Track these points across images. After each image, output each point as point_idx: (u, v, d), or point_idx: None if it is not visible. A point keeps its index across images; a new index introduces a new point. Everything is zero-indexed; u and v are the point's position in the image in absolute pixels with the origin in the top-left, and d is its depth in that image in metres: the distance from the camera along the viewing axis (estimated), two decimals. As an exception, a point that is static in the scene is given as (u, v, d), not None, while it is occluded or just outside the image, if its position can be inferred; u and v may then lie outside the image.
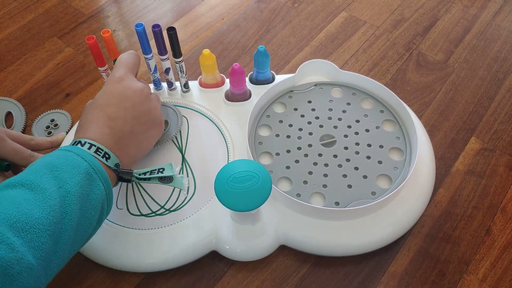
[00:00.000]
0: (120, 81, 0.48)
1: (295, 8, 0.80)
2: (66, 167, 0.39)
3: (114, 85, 0.48)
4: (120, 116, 0.46)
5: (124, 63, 0.51)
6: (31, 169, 0.39)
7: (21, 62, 0.73)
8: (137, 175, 0.47)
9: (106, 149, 0.44)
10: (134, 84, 0.49)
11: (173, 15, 0.80)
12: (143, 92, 0.49)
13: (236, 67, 0.56)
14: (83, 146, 0.43)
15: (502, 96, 0.66)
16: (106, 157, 0.44)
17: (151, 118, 0.50)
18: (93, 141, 0.43)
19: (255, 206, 0.43)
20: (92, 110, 0.46)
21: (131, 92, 0.48)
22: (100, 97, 0.47)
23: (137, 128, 0.48)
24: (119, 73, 0.49)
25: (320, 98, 0.61)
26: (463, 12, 0.78)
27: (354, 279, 0.51)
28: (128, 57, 0.51)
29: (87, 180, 0.40)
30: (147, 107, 0.49)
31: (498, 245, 0.53)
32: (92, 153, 0.42)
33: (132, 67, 0.51)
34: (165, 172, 0.47)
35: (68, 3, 0.82)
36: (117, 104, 0.47)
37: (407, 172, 0.53)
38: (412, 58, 0.72)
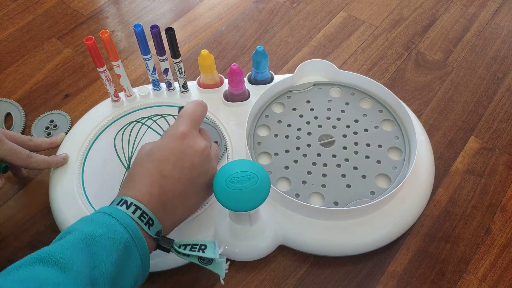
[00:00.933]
0: (183, 138, 0.44)
1: (293, 8, 0.80)
2: (106, 240, 0.37)
3: (176, 141, 0.44)
4: (175, 175, 0.43)
5: (190, 116, 0.47)
6: (69, 242, 0.36)
7: (20, 63, 0.73)
8: (177, 247, 0.43)
9: (151, 213, 0.41)
10: (197, 143, 0.45)
11: (171, 16, 0.80)
12: (204, 153, 0.45)
13: (234, 68, 0.56)
14: (128, 207, 0.40)
15: (502, 95, 0.66)
16: (150, 223, 0.41)
17: (206, 179, 0.46)
18: (140, 203, 0.41)
19: (254, 206, 0.43)
20: (147, 164, 0.44)
21: (193, 151, 0.44)
22: (158, 150, 0.44)
23: (189, 190, 0.44)
24: (182, 128, 0.45)
25: (318, 98, 0.61)
26: (462, 11, 0.78)
27: (353, 279, 0.51)
28: (195, 109, 0.47)
29: (125, 255, 0.38)
30: (205, 169, 0.45)
31: (497, 244, 0.53)
32: (135, 219, 0.40)
33: (198, 120, 0.47)
34: (207, 252, 0.43)
35: (67, 4, 0.82)
36: (175, 163, 0.43)
37: (406, 172, 0.53)
38: (411, 57, 0.71)
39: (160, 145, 0.45)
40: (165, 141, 0.45)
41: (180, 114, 0.47)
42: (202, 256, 0.43)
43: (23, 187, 0.58)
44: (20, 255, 0.53)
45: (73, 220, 0.51)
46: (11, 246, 0.54)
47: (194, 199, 0.46)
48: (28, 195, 0.58)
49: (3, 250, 0.53)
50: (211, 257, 0.43)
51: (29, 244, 0.54)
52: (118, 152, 0.57)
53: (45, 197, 0.57)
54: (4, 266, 0.51)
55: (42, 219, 0.56)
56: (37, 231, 0.55)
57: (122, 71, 0.57)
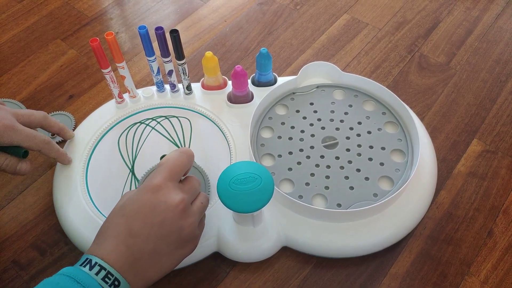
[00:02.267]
0: (156, 191, 0.42)
1: (297, 10, 0.80)
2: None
3: (148, 194, 0.42)
4: (144, 233, 0.40)
5: (168, 166, 0.44)
6: None
7: (25, 64, 0.74)
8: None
9: (117, 274, 0.38)
10: (171, 197, 0.42)
11: (175, 17, 0.80)
12: (178, 208, 0.42)
13: (238, 69, 0.56)
14: (92, 268, 0.38)
15: (504, 98, 0.66)
16: (115, 284, 0.38)
17: (181, 237, 0.42)
18: (105, 263, 0.38)
19: (258, 208, 0.44)
20: (116, 219, 0.41)
21: (164, 207, 0.41)
22: (129, 205, 0.42)
23: (160, 249, 0.41)
24: (157, 180, 0.42)
25: (322, 100, 0.61)
26: (465, 14, 0.78)
27: (356, 280, 0.51)
28: (176, 159, 0.44)
29: None
30: (179, 226, 0.42)
31: (500, 247, 0.53)
32: (99, 280, 0.37)
33: (178, 171, 0.44)
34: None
35: (71, 6, 0.83)
36: (144, 219, 0.41)
37: (408, 174, 0.53)
38: (414, 60, 0.72)
39: (133, 198, 0.42)
40: (138, 194, 0.42)
41: (160, 163, 0.45)
42: None
43: (27, 187, 0.59)
44: (23, 255, 0.53)
45: (76, 220, 0.52)
46: (14, 245, 0.54)
47: (167, 259, 0.42)
48: (32, 195, 0.58)
49: (6, 250, 0.54)
50: None
51: (33, 244, 0.54)
52: (122, 153, 0.57)
53: (49, 197, 0.57)
54: (8, 266, 0.52)
55: (46, 219, 0.56)
56: (41, 231, 0.55)
57: (127, 72, 0.57)
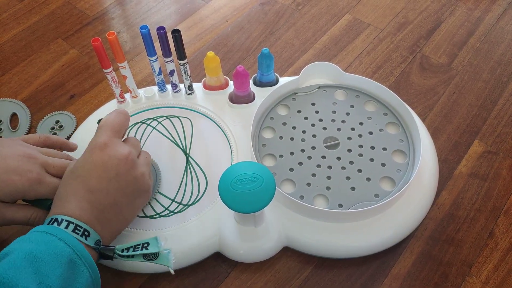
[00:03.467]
0: (104, 148, 0.44)
1: (299, 11, 0.80)
2: (48, 256, 0.36)
3: (96, 153, 0.44)
4: (102, 188, 0.42)
5: (109, 125, 0.46)
6: (11, 262, 0.35)
7: (26, 63, 0.74)
8: (119, 252, 0.43)
9: (86, 225, 0.40)
10: (119, 151, 0.44)
11: (177, 17, 0.80)
12: (128, 160, 0.44)
13: (240, 69, 0.56)
14: (59, 224, 0.39)
15: (506, 99, 0.66)
16: (86, 234, 0.40)
17: (137, 187, 0.45)
18: (71, 218, 0.40)
19: (259, 208, 0.44)
20: (71, 181, 0.43)
21: (116, 160, 0.44)
22: (81, 166, 0.43)
23: (120, 200, 0.44)
24: (102, 139, 0.44)
25: (323, 100, 0.61)
26: (467, 15, 0.78)
27: (357, 281, 0.51)
28: (114, 118, 0.47)
29: (70, 269, 0.37)
30: (133, 176, 0.45)
31: (501, 247, 0.53)
32: (70, 232, 0.39)
33: (118, 129, 0.47)
34: (150, 248, 0.43)
35: (73, 5, 0.83)
36: (99, 175, 0.43)
37: (410, 175, 0.53)
38: (416, 60, 0.72)
39: (82, 160, 0.44)
40: (86, 155, 0.44)
41: (100, 125, 0.46)
42: (147, 253, 0.43)
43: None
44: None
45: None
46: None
47: (127, 209, 0.45)
48: (33, 194, 0.58)
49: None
50: (155, 251, 0.43)
51: (35, 243, 0.54)
52: (124, 152, 0.57)
53: (51, 197, 0.57)
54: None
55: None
56: (42, 230, 0.55)
57: (128, 72, 0.57)
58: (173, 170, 0.56)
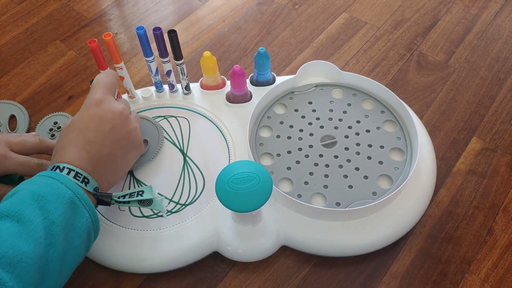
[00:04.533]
0: (99, 104, 0.47)
1: (296, 10, 0.80)
2: (51, 196, 0.39)
3: (92, 108, 0.47)
4: (99, 140, 0.46)
5: (102, 83, 0.50)
6: (17, 199, 0.39)
7: (24, 65, 0.74)
8: (116, 198, 0.47)
9: (85, 173, 0.43)
10: (113, 106, 0.48)
11: (174, 18, 0.80)
12: (122, 115, 0.48)
13: (236, 69, 0.56)
14: (61, 171, 0.42)
15: (504, 96, 0.66)
16: (85, 181, 0.43)
17: (130, 140, 0.49)
18: (72, 166, 0.43)
19: (256, 207, 0.44)
20: (70, 133, 0.46)
21: (111, 114, 0.47)
22: (78, 120, 0.47)
23: (116, 151, 0.47)
24: (97, 95, 0.48)
25: (320, 99, 0.61)
26: (464, 12, 0.78)
27: (356, 279, 0.51)
28: (105, 77, 0.51)
29: (71, 209, 0.40)
30: (127, 130, 0.49)
31: (500, 245, 0.53)
32: (71, 178, 0.42)
33: (110, 87, 0.50)
34: (145, 195, 0.47)
35: (70, 7, 0.83)
36: (96, 128, 0.46)
37: (407, 172, 0.53)
38: (413, 58, 0.72)
39: (79, 115, 0.47)
40: (83, 111, 0.47)
41: (93, 84, 0.50)
42: (141, 199, 0.47)
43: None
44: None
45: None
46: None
47: (122, 160, 0.48)
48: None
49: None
50: (150, 198, 0.47)
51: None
52: (121, 153, 0.58)
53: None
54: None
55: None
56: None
57: (125, 73, 0.57)
58: (171, 169, 0.56)
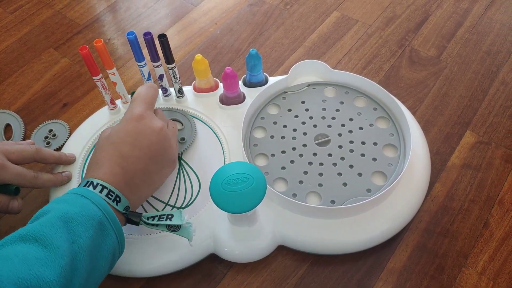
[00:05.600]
0: (139, 119, 0.48)
1: (287, 10, 0.80)
2: (81, 218, 0.39)
3: (132, 123, 0.47)
4: (135, 155, 0.46)
5: (143, 98, 0.50)
6: (47, 220, 0.38)
7: (18, 74, 0.74)
8: (145, 219, 0.46)
9: (117, 191, 0.44)
10: (153, 123, 0.48)
11: (167, 22, 0.81)
12: (161, 132, 0.48)
13: (228, 71, 0.56)
14: (95, 188, 0.43)
15: (496, 89, 0.66)
16: (117, 200, 0.44)
17: (166, 157, 0.49)
18: (105, 183, 0.43)
19: (250, 208, 0.44)
20: (106, 147, 0.46)
21: (149, 131, 0.47)
22: (116, 133, 0.47)
23: (150, 168, 0.47)
24: (138, 110, 0.48)
25: (313, 98, 0.61)
26: (455, 6, 0.78)
27: (353, 276, 0.51)
28: (147, 92, 0.51)
29: (100, 230, 0.40)
30: (163, 147, 0.49)
31: (496, 237, 0.53)
32: (103, 197, 0.43)
33: (151, 101, 0.51)
34: (174, 219, 0.46)
35: (63, 14, 0.83)
36: (133, 143, 0.46)
37: (401, 168, 0.53)
38: (405, 54, 0.72)
39: (118, 129, 0.48)
40: (122, 125, 0.48)
41: (133, 98, 0.50)
42: (170, 224, 0.46)
43: (24, 196, 0.59)
44: (23, 263, 0.53)
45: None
46: (13, 255, 0.54)
47: (156, 176, 0.49)
48: (29, 204, 0.58)
49: (6, 260, 0.54)
50: (178, 224, 0.46)
51: (32, 252, 0.54)
52: (117, 158, 0.58)
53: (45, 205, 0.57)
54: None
55: (44, 228, 0.56)
56: (39, 239, 0.55)
57: (118, 78, 0.58)
58: (166, 173, 0.56)
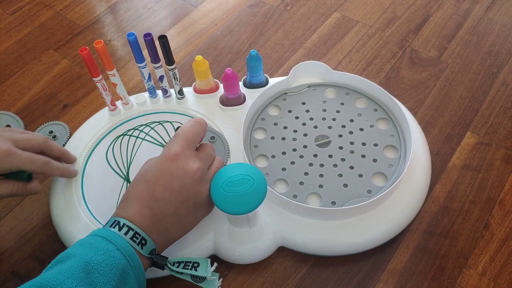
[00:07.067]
0: (175, 160, 0.45)
1: (287, 11, 0.80)
2: (104, 268, 0.38)
3: (167, 162, 0.45)
4: (165, 197, 0.44)
5: (184, 136, 0.47)
6: (68, 269, 0.37)
7: (18, 75, 0.74)
8: (171, 264, 0.45)
9: (144, 233, 0.42)
10: (188, 164, 0.45)
11: (167, 23, 0.81)
12: (195, 175, 0.45)
13: (228, 72, 0.56)
14: (121, 229, 0.41)
15: (497, 89, 0.66)
16: (143, 243, 0.42)
17: (199, 201, 0.46)
18: (132, 224, 0.42)
19: (251, 209, 0.44)
20: (138, 185, 0.45)
21: (183, 173, 0.44)
22: (150, 172, 0.45)
23: (180, 211, 0.45)
24: (175, 149, 0.45)
25: (313, 99, 0.61)
26: (455, 7, 0.78)
27: (354, 277, 0.51)
28: (190, 128, 0.47)
29: (122, 280, 0.39)
30: (197, 191, 0.45)
31: (496, 238, 0.53)
32: (128, 240, 0.41)
33: (193, 140, 0.47)
34: (199, 270, 0.45)
35: (63, 16, 0.83)
36: (165, 185, 0.44)
37: (402, 169, 0.53)
38: (406, 55, 0.72)
39: (153, 166, 0.45)
40: (158, 162, 0.45)
41: (176, 133, 0.47)
42: (195, 275, 0.45)
43: (24, 198, 0.59)
44: (22, 266, 0.53)
45: (74, 229, 0.52)
46: (13, 257, 0.54)
47: (186, 219, 0.46)
48: (29, 206, 0.58)
49: (5, 262, 0.54)
50: (203, 276, 0.44)
51: (32, 254, 0.54)
52: (117, 160, 0.58)
53: (46, 207, 0.57)
54: (7, 278, 0.52)
55: (44, 229, 0.56)
56: (39, 241, 0.55)
57: (118, 80, 0.58)
58: (167, 175, 0.56)
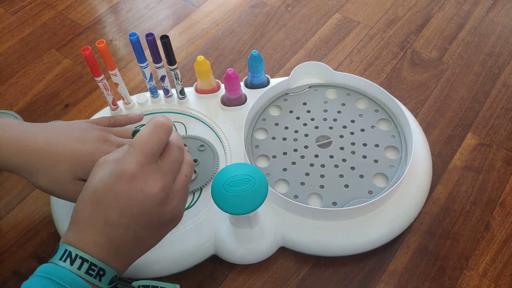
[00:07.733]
0: (131, 180, 0.36)
1: (289, 12, 0.81)
2: None
3: (122, 183, 0.36)
4: (123, 223, 0.37)
5: (141, 148, 0.37)
6: None
7: (20, 75, 0.74)
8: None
9: (101, 263, 0.36)
10: (149, 185, 0.37)
11: (169, 23, 0.81)
12: (157, 197, 0.37)
13: (230, 72, 0.56)
14: (73, 263, 0.35)
15: (498, 91, 0.66)
16: (101, 274, 0.36)
17: (164, 220, 0.39)
18: (86, 254, 0.36)
19: (252, 209, 0.44)
20: (89, 207, 0.37)
21: (142, 197, 0.36)
22: (102, 193, 0.37)
23: (142, 234, 0.38)
24: (131, 167, 0.36)
25: (315, 99, 0.61)
26: (456, 8, 0.78)
27: (355, 278, 0.51)
28: (149, 138, 0.37)
29: None
30: (160, 213, 0.38)
31: (497, 239, 0.53)
32: (83, 275, 0.35)
33: (153, 151, 0.37)
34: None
35: (65, 15, 0.83)
36: (122, 210, 0.36)
37: (403, 170, 0.53)
38: (407, 56, 0.72)
39: (106, 185, 0.37)
40: (111, 181, 0.37)
41: (132, 142, 0.37)
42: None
43: (25, 197, 0.59)
44: (24, 264, 0.53)
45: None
46: (15, 256, 0.54)
47: (150, 240, 0.40)
48: (30, 204, 0.58)
49: (7, 260, 0.54)
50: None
51: (33, 253, 0.54)
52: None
53: (47, 206, 0.58)
54: (8, 277, 0.52)
55: (45, 228, 0.56)
56: (40, 240, 0.55)
57: (120, 79, 0.58)
58: (168, 175, 0.56)
